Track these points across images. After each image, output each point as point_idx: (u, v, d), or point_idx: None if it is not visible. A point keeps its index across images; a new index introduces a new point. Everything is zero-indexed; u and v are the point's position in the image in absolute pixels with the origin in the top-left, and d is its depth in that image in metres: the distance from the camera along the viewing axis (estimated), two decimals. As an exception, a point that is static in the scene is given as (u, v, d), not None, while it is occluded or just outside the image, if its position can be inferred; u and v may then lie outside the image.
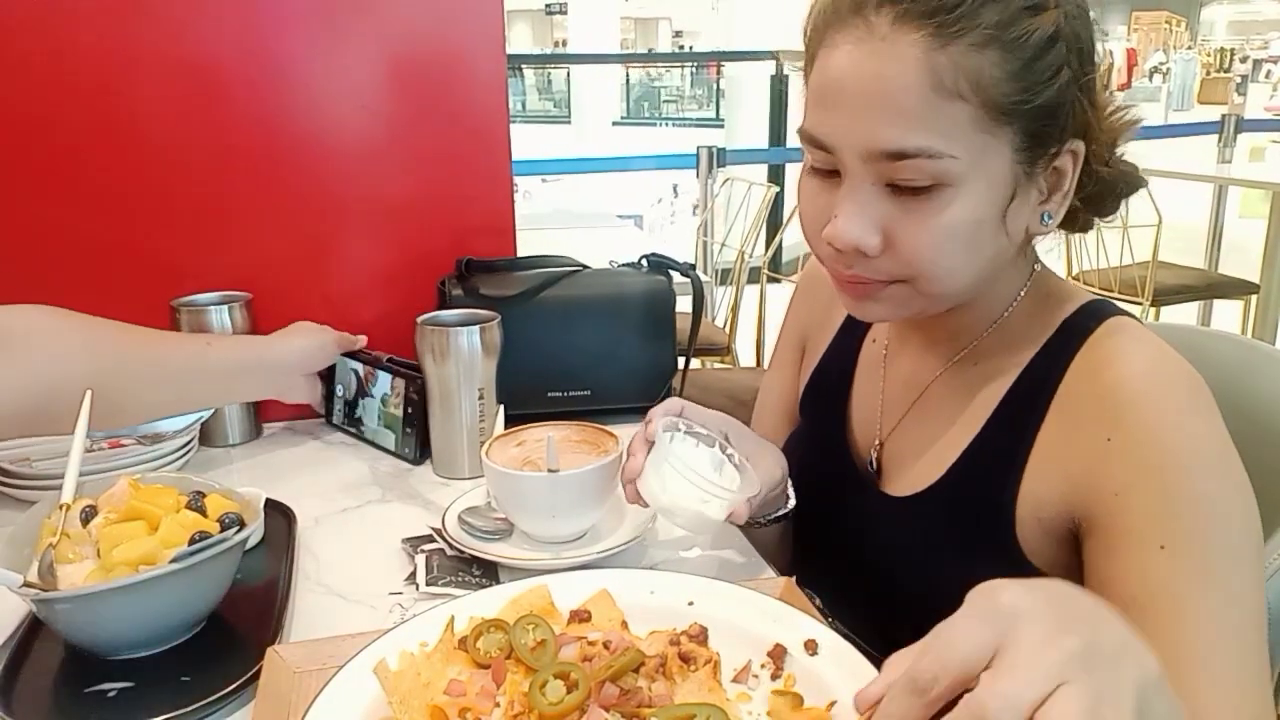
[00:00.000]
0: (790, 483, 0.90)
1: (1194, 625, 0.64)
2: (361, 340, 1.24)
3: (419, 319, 1.10)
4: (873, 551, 0.86)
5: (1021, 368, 0.78)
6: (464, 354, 1.08)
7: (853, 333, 0.96)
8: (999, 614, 0.42)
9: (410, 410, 1.15)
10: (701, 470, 0.81)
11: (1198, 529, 0.66)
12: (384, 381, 1.21)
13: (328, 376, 1.27)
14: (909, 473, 0.85)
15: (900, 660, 0.44)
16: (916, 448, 0.85)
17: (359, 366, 1.24)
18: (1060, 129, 0.71)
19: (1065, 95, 0.70)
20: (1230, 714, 0.63)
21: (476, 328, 1.08)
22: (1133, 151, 0.79)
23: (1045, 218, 0.75)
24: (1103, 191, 0.78)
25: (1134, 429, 0.69)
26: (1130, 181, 0.79)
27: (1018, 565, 0.75)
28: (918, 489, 0.82)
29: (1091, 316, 0.77)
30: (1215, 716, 0.62)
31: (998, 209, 0.71)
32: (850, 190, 0.71)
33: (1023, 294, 0.81)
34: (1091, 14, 0.72)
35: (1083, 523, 0.72)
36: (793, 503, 0.90)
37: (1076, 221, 0.82)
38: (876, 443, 0.89)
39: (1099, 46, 0.73)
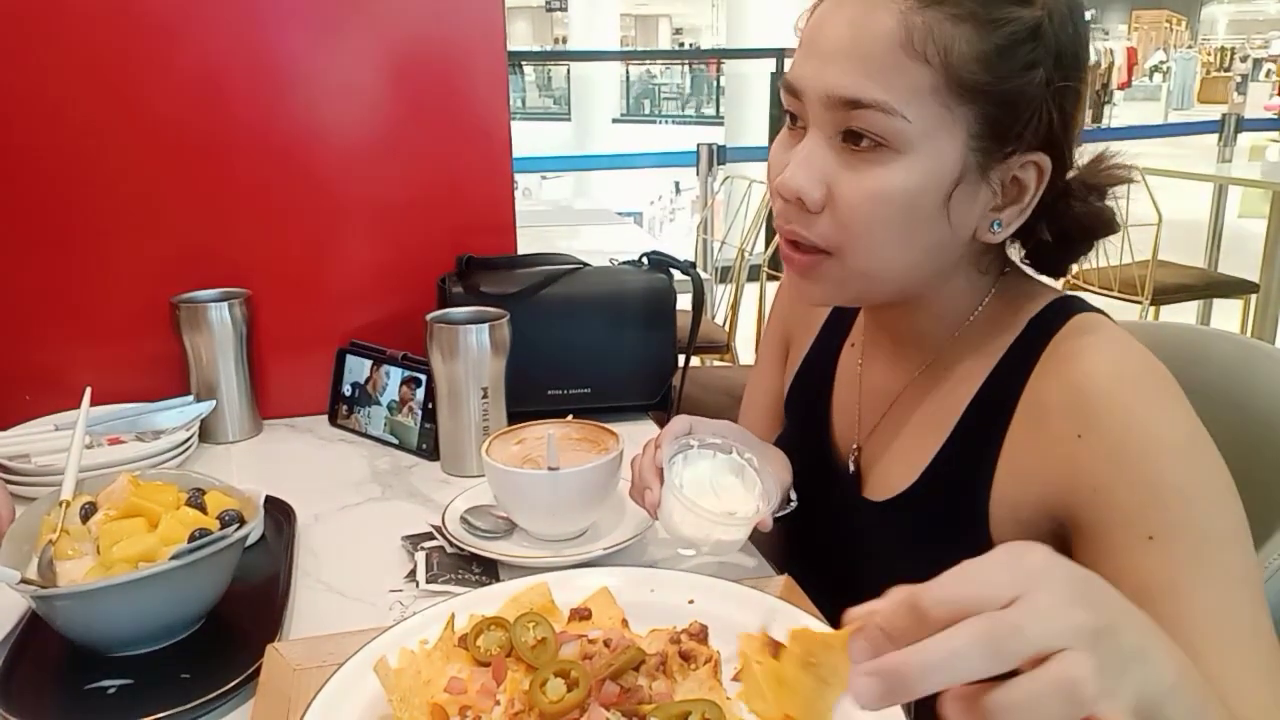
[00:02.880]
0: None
1: (1197, 613, 0.63)
2: None
3: (428, 316, 1.09)
4: (854, 554, 0.86)
5: (989, 370, 0.78)
6: (473, 352, 1.08)
7: (834, 336, 0.96)
8: (1026, 569, 0.42)
9: (431, 405, 1.15)
10: (720, 486, 0.82)
11: (1182, 515, 0.65)
12: (396, 377, 1.21)
13: (335, 373, 1.27)
14: (885, 477, 0.85)
15: (901, 590, 0.43)
16: (892, 453, 0.85)
17: (370, 363, 1.24)
18: (1020, 128, 0.70)
19: (1032, 94, 0.69)
20: (1250, 697, 0.61)
21: (485, 326, 1.08)
22: (1133, 151, 0.79)
23: (995, 225, 0.74)
24: (1070, 229, 0.77)
25: (1104, 423, 0.68)
26: (1103, 223, 0.78)
27: None
28: (893, 494, 0.82)
29: (1057, 314, 0.76)
30: (1235, 705, 0.60)
31: (941, 191, 0.70)
32: (807, 140, 0.72)
33: (988, 299, 0.80)
34: (1095, 43, 0.72)
35: (1067, 522, 0.71)
36: (794, 503, 0.90)
37: (1051, 264, 0.81)
38: (855, 446, 0.89)
39: (1098, 58, 0.73)
